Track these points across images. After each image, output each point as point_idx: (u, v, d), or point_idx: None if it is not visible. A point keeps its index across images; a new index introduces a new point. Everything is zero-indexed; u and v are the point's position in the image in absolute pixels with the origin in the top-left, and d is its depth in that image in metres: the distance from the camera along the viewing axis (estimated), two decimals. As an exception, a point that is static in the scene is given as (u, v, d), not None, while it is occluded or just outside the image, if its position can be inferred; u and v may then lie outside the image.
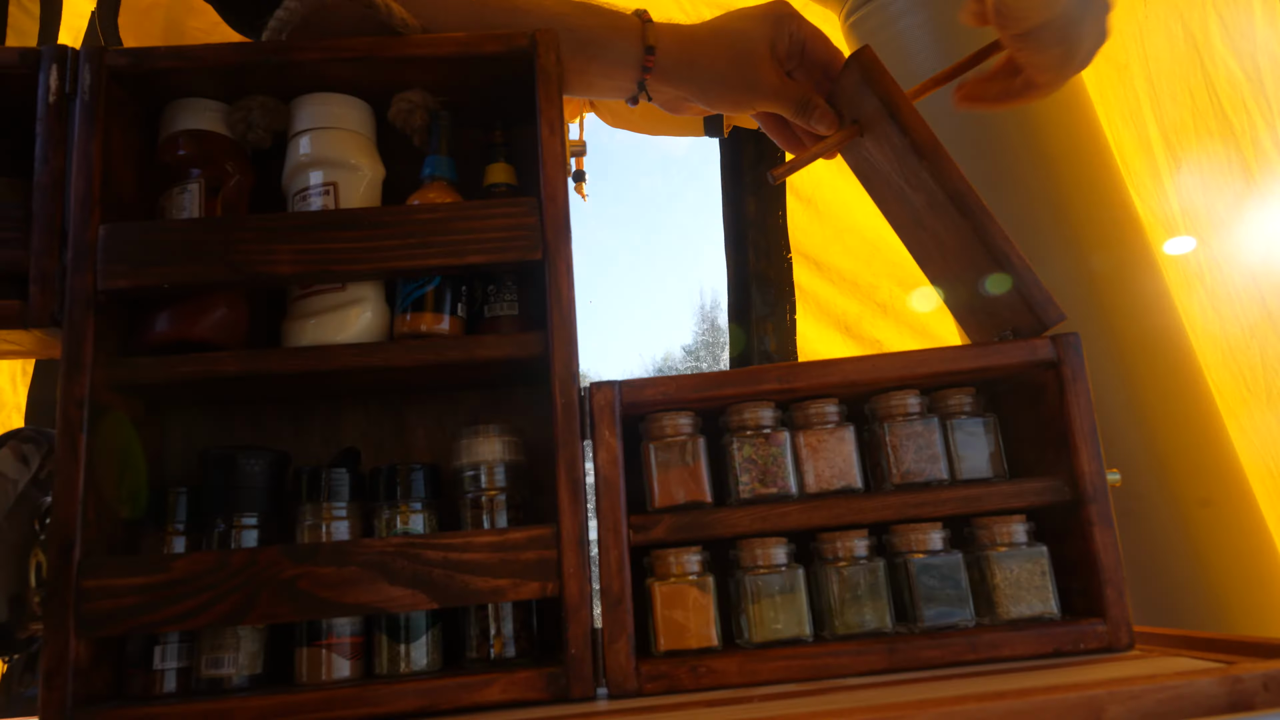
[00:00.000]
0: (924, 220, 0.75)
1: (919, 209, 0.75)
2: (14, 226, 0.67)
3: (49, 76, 0.69)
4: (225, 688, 0.66)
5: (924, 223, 0.76)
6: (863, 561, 0.68)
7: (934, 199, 0.71)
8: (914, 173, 0.72)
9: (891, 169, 0.76)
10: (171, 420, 0.78)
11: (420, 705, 0.63)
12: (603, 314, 3.64)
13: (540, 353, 0.69)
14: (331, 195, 0.73)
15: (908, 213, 0.78)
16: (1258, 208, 1.33)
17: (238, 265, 0.68)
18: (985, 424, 0.72)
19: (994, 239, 0.69)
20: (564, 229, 0.71)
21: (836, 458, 0.70)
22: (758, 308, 1.80)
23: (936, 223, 0.73)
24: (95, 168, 0.68)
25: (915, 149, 0.70)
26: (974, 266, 0.72)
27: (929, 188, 0.71)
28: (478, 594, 0.64)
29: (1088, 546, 0.66)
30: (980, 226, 0.69)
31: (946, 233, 0.73)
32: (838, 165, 1.86)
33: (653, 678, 0.64)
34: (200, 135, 0.74)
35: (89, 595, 0.62)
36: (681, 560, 0.68)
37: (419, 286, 0.72)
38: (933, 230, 0.75)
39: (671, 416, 0.71)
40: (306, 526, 0.69)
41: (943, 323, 1.72)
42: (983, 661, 0.65)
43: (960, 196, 0.69)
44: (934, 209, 0.72)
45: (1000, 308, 0.72)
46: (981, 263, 0.70)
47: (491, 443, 0.71)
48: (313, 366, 0.68)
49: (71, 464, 0.64)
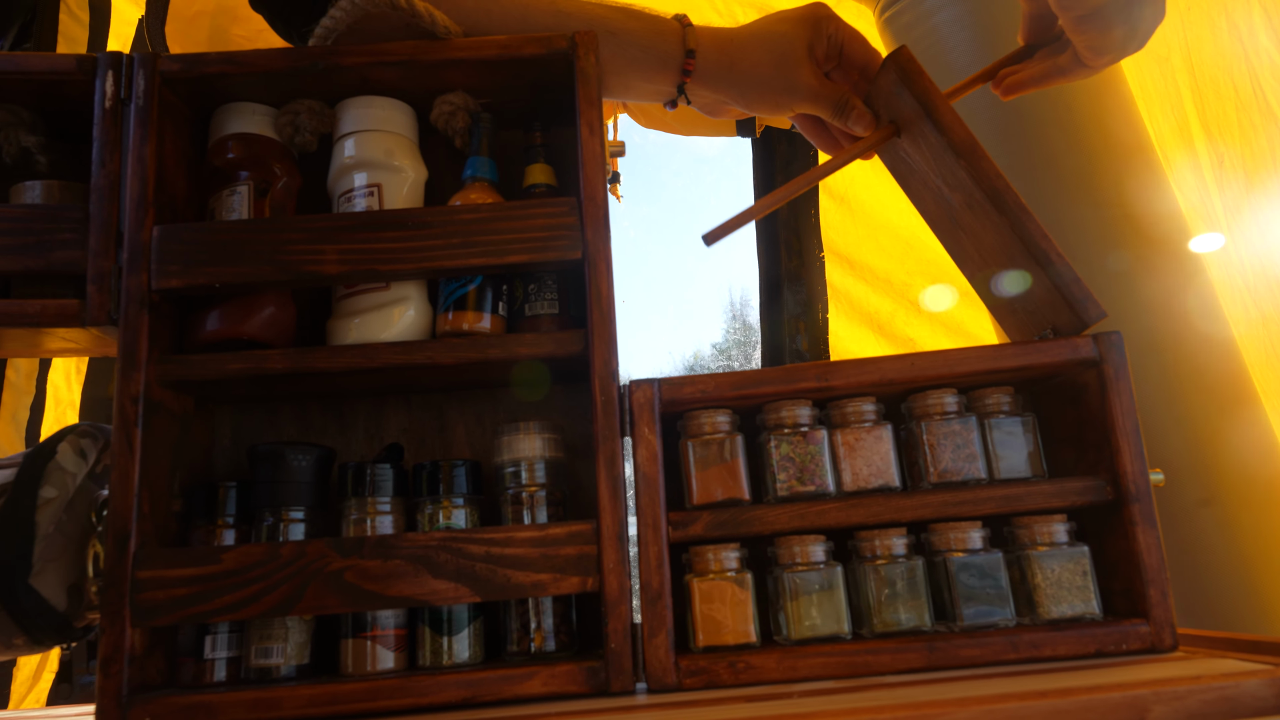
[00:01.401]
0: (961, 219, 0.75)
1: (956, 208, 0.75)
2: (72, 228, 0.69)
3: (105, 82, 0.71)
4: (274, 677, 0.67)
5: (961, 222, 0.76)
6: (901, 560, 0.68)
7: (971, 198, 0.71)
8: (951, 172, 0.72)
9: (928, 169, 0.76)
10: (220, 417, 0.80)
11: (463, 696, 0.64)
12: (634, 313, 3.59)
13: (580, 351, 0.70)
14: (376, 196, 0.74)
15: (945, 212, 0.78)
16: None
17: (285, 265, 0.70)
18: (1024, 423, 0.72)
19: (1033, 237, 0.68)
20: (604, 228, 0.72)
21: (874, 456, 0.71)
22: (790, 307, 1.80)
23: (974, 222, 0.73)
24: (149, 170, 0.70)
25: (953, 148, 0.70)
26: (1012, 265, 0.72)
27: (966, 187, 0.71)
28: (519, 588, 0.65)
29: (1130, 547, 0.66)
30: (1019, 224, 0.68)
31: (984, 231, 0.73)
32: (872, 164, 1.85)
33: (692, 673, 0.65)
34: (249, 139, 0.75)
35: (143, 586, 0.64)
36: (720, 557, 0.68)
37: (461, 285, 0.73)
38: (970, 229, 0.75)
39: (710, 414, 0.71)
40: (351, 521, 0.70)
41: (977, 321, 1.71)
42: (1023, 661, 0.64)
43: (998, 195, 0.69)
44: (972, 208, 0.72)
45: (1040, 306, 0.72)
46: (1020, 261, 0.70)
47: (532, 439, 0.72)
48: (358, 364, 0.70)
49: (127, 458, 0.66)
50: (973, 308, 1.70)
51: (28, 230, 0.69)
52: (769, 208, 0.77)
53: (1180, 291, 1.16)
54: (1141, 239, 1.17)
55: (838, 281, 1.76)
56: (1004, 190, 0.69)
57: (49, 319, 0.68)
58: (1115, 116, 1.27)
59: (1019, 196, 0.68)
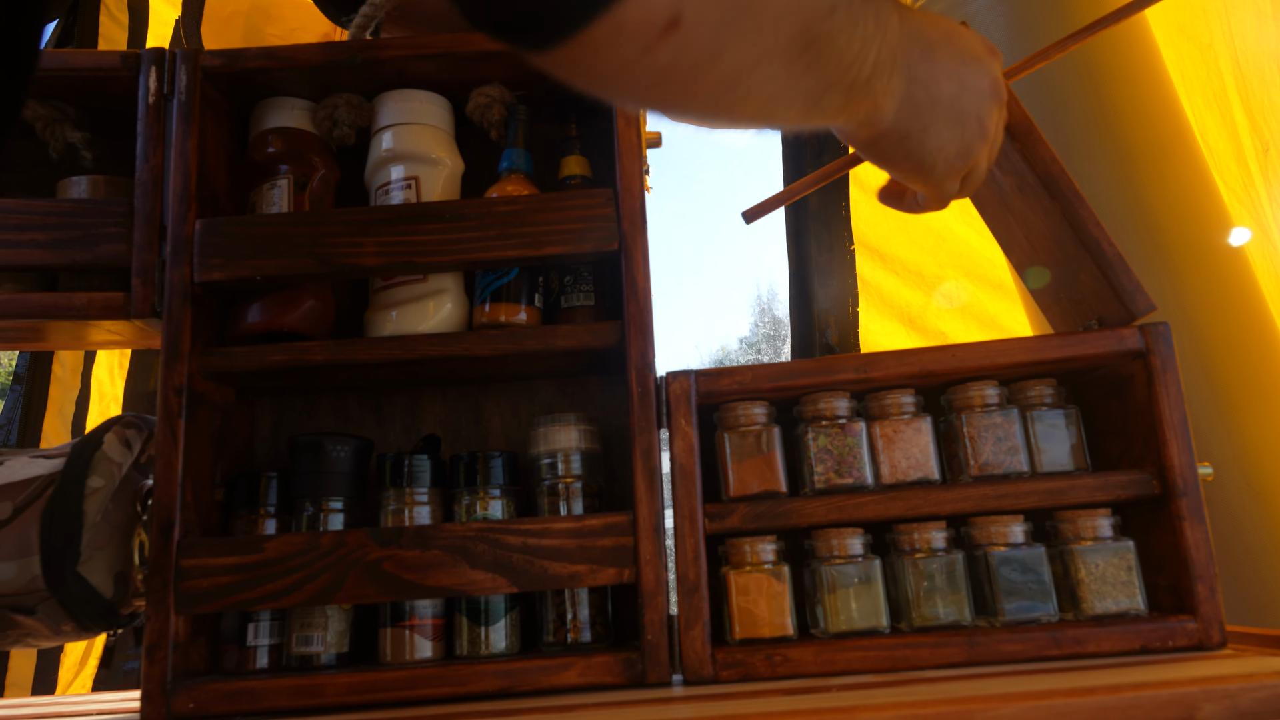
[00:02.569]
0: (1012, 204, 0.74)
1: (1007, 193, 0.74)
2: (117, 222, 0.70)
3: (149, 78, 0.72)
4: (314, 665, 0.68)
5: (1012, 206, 0.74)
6: (940, 553, 0.67)
7: (1024, 181, 0.70)
8: (1005, 154, 0.71)
9: None
10: (260, 408, 0.81)
11: (500, 686, 0.64)
12: (661, 307, 3.61)
13: (616, 342, 0.70)
14: (413, 189, 0.75)
15: (995, 197, 0.77)
16: (1352, 193, 1.27)
17: (325, 258, 0.70)
18: (1067, 415, 0.71)
19: (1084, 224, 0.67)
20: (640, 220, 0.71)
21: (913, 449, 0.70)
22: (820, 300, 1.78)
23: (1025, 207, 0.72)
24: (192, 165, 0.71)
25: (1009, 129, 0.69)
26: (1061, 252, 0.70)
27: (1019, 170, 0.70)
28: (556, 579, 0.66)
29: (1177, 542, 0.65)
30: (1071, 210, 0.67)
31: (1035, 217, 0.71)
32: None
33: (728, 665, 0.65)
34: (288, 133, 0.76)
35: (187, 574, 0.65)
36: (757, 549, 0.68)
37: (498, 278, 0.74)
38: (1021, 215, 0.74)
39: (746, 406, 0.71)
40: (390, 511, 0.71)
41: (1011, 314, 1.69)
42: (1066, 657, 0.63)
43: (1052, 179, 0.68)
44: (1023, 192, 0.71)
45: (1086, 295, 0.70)
46: (1069, 248, 0.69)
47: (568, 431, 0.72)
48: (396, 355, 0.70)
49: (171, 448, 0.67)
50: (1006, 300, 1.68)
51: (74, 224, 0.70)
52: (812, 187, 0.76)
53: (1223, 282, 1.13)
54: (1182, 229, 1.15)
55: (868, 274, 1.75)
56: (1059, 175, 0.68)
57: (95, 311, 0.69)
58: (1155, 105, 1.24)
59: (1073, 182, 0.67)
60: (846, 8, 0.40)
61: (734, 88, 0.37)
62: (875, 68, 0.45)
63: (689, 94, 0.35)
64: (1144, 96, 1.25)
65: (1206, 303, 1.12)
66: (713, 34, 0.33)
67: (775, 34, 0.35)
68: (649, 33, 0.31)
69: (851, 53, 0.42)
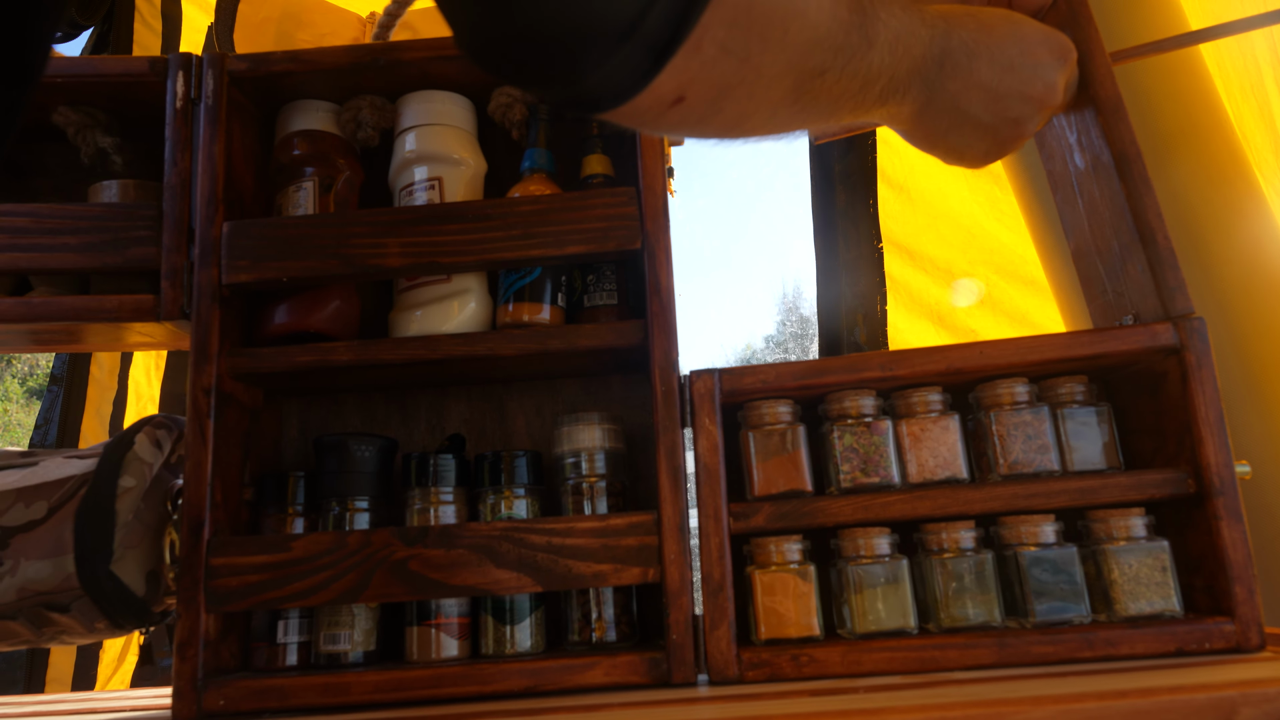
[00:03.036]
0: (1083, 184, 0.73)
1: (1081, 171, 0.73)
2: (147, 225, 0.71)
3: (176, 82, 0.73)
4: (342, 663, 0.69)
5: (1082, 187, 0.73)
6: (969, 553, 0.66)
7: (1098, 161, 0.69)
8: (1086, 130, 0.70)
9: (1065, 124, 0.73)
10: (288, 409, 0.82)
11: (525, 685, 0.64)
12: (686, 305, 3.56)
13: (640, 341, 0.70)
14: (437, 190, 0.75)
15: (1069, 174, 0.75)
16: (1397, 184, 1.23)
17: (350, 259, 0.71)
18: (1099, 413, 0.69)
19: (1145, 212, 0.66)
20: (663, 218, 0.71)
21: (941, 447, 0.69)
22: (847, 299, 1.77)
23: (1093, 188, 0.71)
24: (219, 168, 0.72)
25: (1096, 101, 0.68)
26: (1116, 239, 0.69)
27: (1096, 147, 0.69)
28: (580, 578, 0.65)
29: (1214, 542, 0.63)
30: (1136, 195, 0.66)
31: (1101, 199, 0.70)
32: (932, 151, 1.79)
33: (754, 665, 0.64)
34: (313, 135, 0.77)
35: (217, 572, 0.66)
36: (782, 549, 0.67)
37: (521, 277, 0.74)
38: (1089, 196, 0.72)
39: (771, 404, 0.70)
40: (415, 510, 0.71)
41: (1043, 311, 1.66)
42: (1099, 660, 0.62)
43: (1125, 161, 0.67)
44: (1096, 172, 0.70)
45: (1131, 287, 0.69)
46: (1124, 236, 0.68)
47: (592, 430, 0.72)
48: (420, 355, 0.71)
49: (200, 448, 0.68)
50: (1039, 297, 1.65)
51: (105, 228, 0.71)
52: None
53: (1261, 277, 1.10)
54: (1219, 221, 1.13)
55: (896, 272, 1.73)
56: (1134, 158, 0.67)
57: (126, 314, 0.71)
58: (1191, 95, 1.22)
59: (1145, 168, 0.66)
60: (837, 69, 0.45)
61: (739, 126, 0.45)
62: (885, 92, 0.51)
63: (701, 132, 0.44)
64: (1180, 86, 1.22)
65: (1244, 298, 1.10)
66: (712, 103, 0.40)
67: (769, 96, 0.43)
68: (660, 107, 0.40)
69: (851, 91, 0.48)
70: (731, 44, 0.38)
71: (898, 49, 0.50)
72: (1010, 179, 1.46)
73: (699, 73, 0.38)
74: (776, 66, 0.41)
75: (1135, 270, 0.68)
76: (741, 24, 0.38)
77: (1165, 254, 0.65)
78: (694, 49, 0.37)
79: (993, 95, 0.57)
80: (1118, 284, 0.70)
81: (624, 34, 0.36)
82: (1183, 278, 0.65)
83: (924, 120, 0.57)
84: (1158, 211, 0.66)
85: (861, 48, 0.47)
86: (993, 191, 1.60)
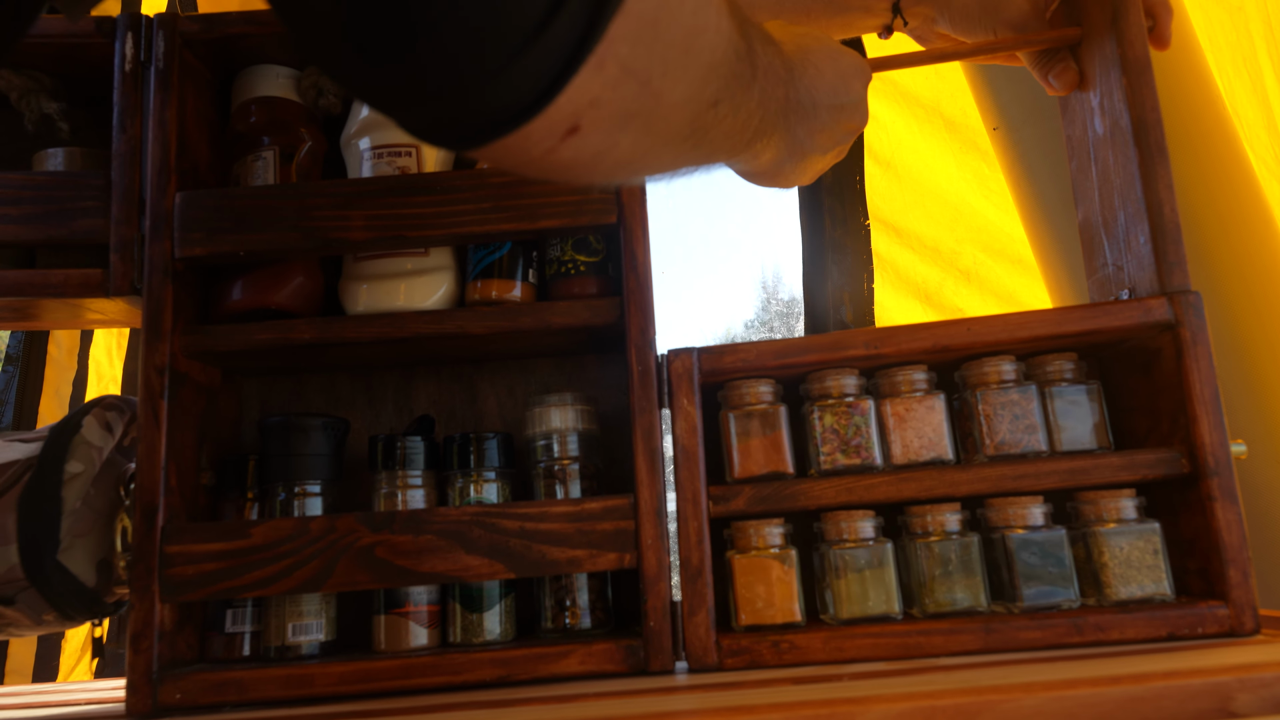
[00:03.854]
0: (1099, 151, 0.70)
1: (1099, 137, 0.70)
2: (94, 196, 0.67)
3: (124, 44, 0.69)
4: (301, 654, 0.66)
5: (1098, 153, 0.70)
6: (955, 536, 0.64)
7: (1117, 125, 0.66)
8: (1109, 93, 0.67)
9: (1090, 86, 0.71)
10: (248, 389, 0.79)
11: (497, 675, 0.62)
12: (668, 287, 3.52)
13: (616, 319, 0.67)
14: (414, 157, 0.72)
15: (1087, 140, 0.73)
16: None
17: (311, 232, 0.67)
18: (1088, 391, 0.67)
19: (1157, 182, 0.64)
20: (639, 191, 0.68)
21: (925, 427, 0.67)
22: (834, 277, 1.75)
23: (1109, 154, 0.68)
24: (171, 135, 0.68)
25: (1122, 62, 0.65)
26: (1124, 209, 0.67)
27: (1117, 111, 0.66)
28: (554, 564, 0.63)
29: (1208, 524, 0.61)
30: (1149, 163, 0.64)
31: (1115, 166, 0.68)
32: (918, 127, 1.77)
33: (733, 653, 0.62)
34: (272, 102, 0.73)
35: (172, 560, 0.63)
36: (763, 532, 0.65)
37: (490, 253, 0.71)
38: (1103, 163, 0.70)
39: (752, 384, 0.68)
40: (382, 494, 0.68)
41: (1030, 290, 1.64)
42: (1088, 645, 0.60)
43: (1144, 126, 0.64)
44: (1113, 138, 0.67)
45: (1132, 258, 0.67)
46: (1132, 205, 0.65)
47: (565, 411, 0.70)
48: (385, 334, 0.68)
49: (153, 430, 0.65)
50: (1026, 276, 1.63)
51: (49, 199, 0.67)
52: None
53: (1254, 253, 1.09)
54: (1211, 198, 1.11)
55: (884, 250, 1.71)
56: (1153, 124, 0.64)
57: (73, 289, 0.67)
58: (1181, 69, 1.19)
59: (1163, 137, 0.64)
60: (729, 99, 0.43)
61: (629, 166, 0.41)
62: (756, 134, 0.49)
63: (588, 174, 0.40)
64: (1172, 60, 1.20)
65: (1235, 275, 1.08)
66: (607, 136, 0.36)
67: (666, 130, 0.39)
68: (552, 138, 0.34)
69: (735, 129, 0.46)
70: (634, 64, 0.34)
71: (769, 84, 0.48)
72: (999, 155, 1.43)
73: (599, 94, 0.34)
74: (676, 94, 0.37)
75: (1137, 242, 0.66)
76: (645, 41, 0.34)
77: (1170, 227, 0.63)
78: (597, 66, 0.32)
79: (830, 136, 0.59)
80: (1119, 257, 0.68)
81: (531, 34, 0.30)
82: (1184, 253, 0.63)
83: (783, 169, 0.58)
84: (1169, 183, 0.63)
85: (748, 77, 0.44)
86: (980, 169, 1.58)
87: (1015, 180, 1.39)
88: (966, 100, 1.48)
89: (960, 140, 1.59)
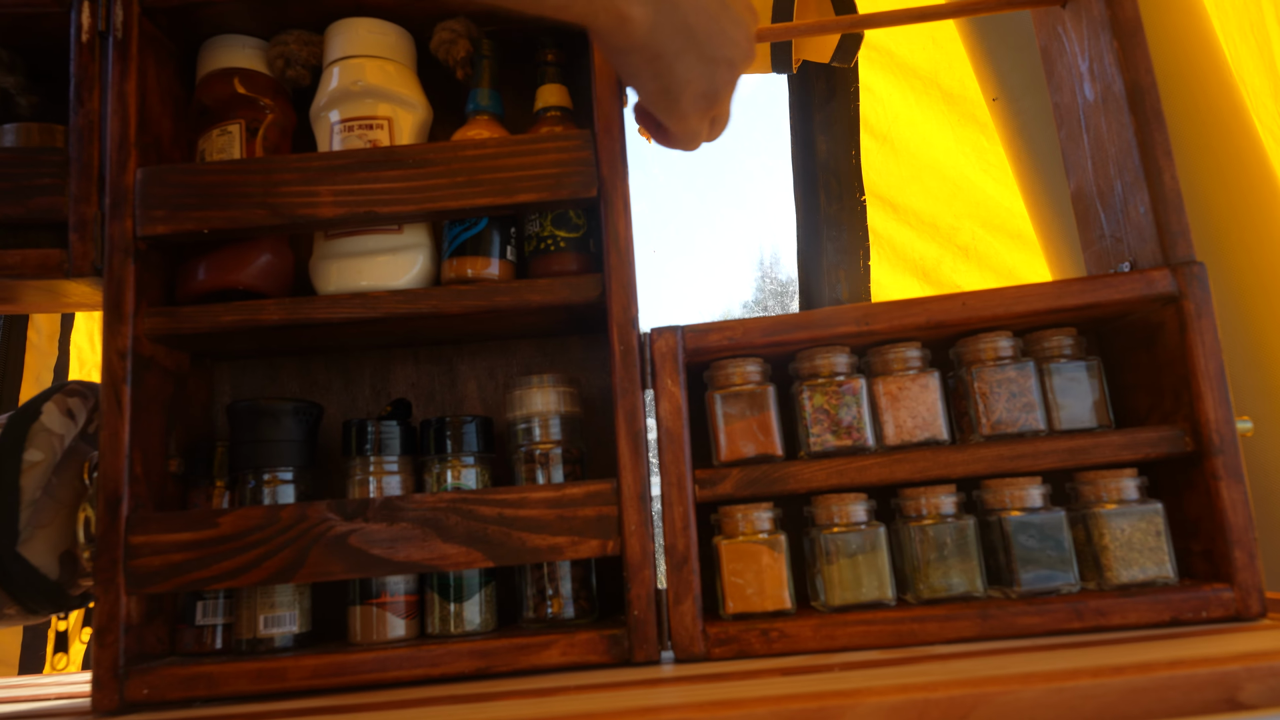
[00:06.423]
0: (1090, 118, 0.67)
1: (1090, 104, 0.67)
2: (52, 173, 0.65)
3: (81, 14, 0.66)
4: (273, 646, 0.64)
5: (1090, 121, 0.68)
6: (950, 519, 0.62)
7: (1109, 91, 0.63)
8: (1100, 57, 0.64)
9: (1078, 50, 0.68)
10: (219, 374, 0.77)
11: (476, 667, 0.60)
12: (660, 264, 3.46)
13: (597, 297, 0.65)
14: (386, 130, 0.69)
15: (1077, 106, 0.70)
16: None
17: (278, 208, 0.64)
18: (1088, 368, 0.64)
19: (1155, 148, 0.61)
20: (620, 164, 0.65)
21: (919, 407, 0.64)
22: (829, 254, 1.72)
23: (1101, 121, 0.65)
24: (130, 108, 0.65)
25: (1114, 24, 0.62)
26: (1121, 178, 0.64)
27: (1109, 76, 0.63)
28: (535, 552, 0.61)
29: (1212, 504, 0.59)
30: (1146, 129, 0.61)
31: (1109, 134, 0.65)
32: (915, 99, 1.73)
33: (721, 641, 0.60)
34: (238, 74, 0.70)
35: (137, 551, 0.61)
36: (751, 517, 0.63)
37: (466, 229, 0.68)
38: (1095, 131, 0.67)
39: (739, 364, 0.65)
40: (356, 481, 0.66)
41: (1030, 265, 1.61)
42: (1088, 630, 0.58)
43: (1139, 92, 0.61)
44: (1106, 104, 0.64)
45: (1132, 229, 0.64)
46: (1129, 174, 0.62)
47: (546, 393, 0.67)
48: (358, 314, 0.65)
49: (116, 416, 0.62)
50: (1026, 251, 1.60)
51: (5, 176, 0.64)
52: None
53: (1261, 225, 1.06)
54: (1216, 167, 1.07)
55: (880, 226, 1.68)
56: (1148, 88, 0.61)
57: (30, 271, 0.64)
58: (1186, 34, 1.16)
59: (1159, 101, 0.61)
60: None
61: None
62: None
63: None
64: (1177, 26, 1.16)
65: (1240, 247, 1.05)
66: None
67: None
68: None
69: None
70: None
71: None
72: (998, 127, 1.40)
73: None
74: None
75: (1137, 213, 0.63)
76: None
77: (1171, 195, 0.60)
78: None
79: (716, 26, 0.54)
80: (1116, 228, 0.65)
81: None
82: (1187, 222, 0.60)
83: (656, 37, 0.53)
84: (1167, 149, 0.60)
85: None
86: (979, 141, 1.54)
87: (1015, 153, 1.36)
88: (965, 70, 1.44)
89: (958, 112, 1.55)
